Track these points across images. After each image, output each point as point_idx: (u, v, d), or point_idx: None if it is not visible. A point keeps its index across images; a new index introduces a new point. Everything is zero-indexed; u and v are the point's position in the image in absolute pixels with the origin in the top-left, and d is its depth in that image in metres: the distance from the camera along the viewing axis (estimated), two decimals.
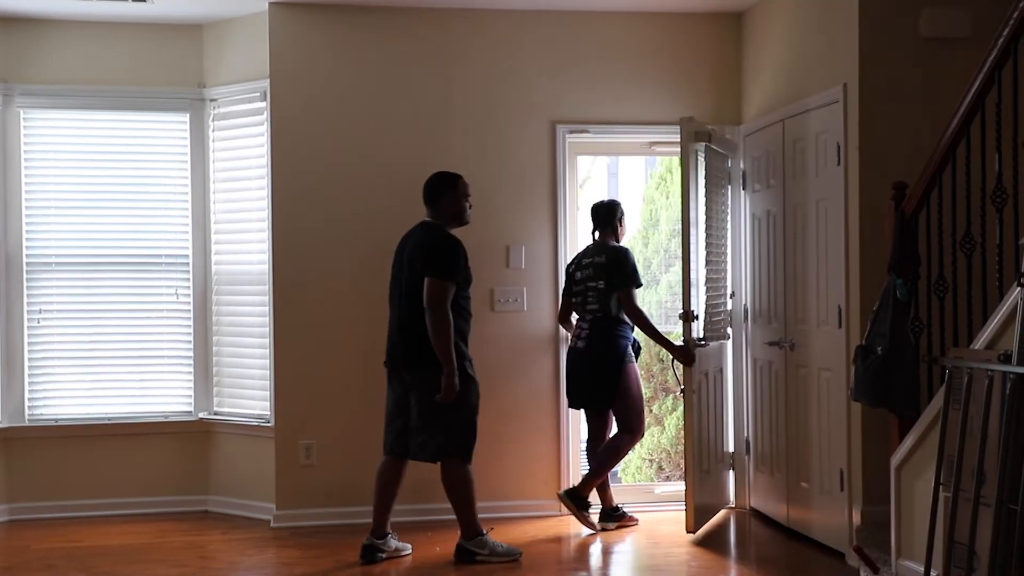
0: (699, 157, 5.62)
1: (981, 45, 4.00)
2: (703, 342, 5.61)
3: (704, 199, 5.64)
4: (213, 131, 6.26)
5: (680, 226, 5.58)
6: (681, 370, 5.54)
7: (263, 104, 6.00)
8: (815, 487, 5.28)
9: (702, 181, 5.66)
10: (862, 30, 4.80)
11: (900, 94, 4.80)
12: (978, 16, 4.73)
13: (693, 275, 5.51)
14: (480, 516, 5.85)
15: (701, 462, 5.58)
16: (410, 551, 5.27)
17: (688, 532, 5.47)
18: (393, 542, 5.23)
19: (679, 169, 7.14)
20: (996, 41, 3.73)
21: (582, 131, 6.18)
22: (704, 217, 5.65)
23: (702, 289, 5.65)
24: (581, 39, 6.09)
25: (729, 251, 6.14)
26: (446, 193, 5.15)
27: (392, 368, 5.15)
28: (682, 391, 5.59)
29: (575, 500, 5.63)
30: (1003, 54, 3.72)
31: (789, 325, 5.53)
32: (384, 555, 5.14)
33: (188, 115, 6.25)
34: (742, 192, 6.12)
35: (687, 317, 5.47)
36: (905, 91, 4.80)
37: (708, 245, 5.70)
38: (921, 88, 4.78)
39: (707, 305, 5.70)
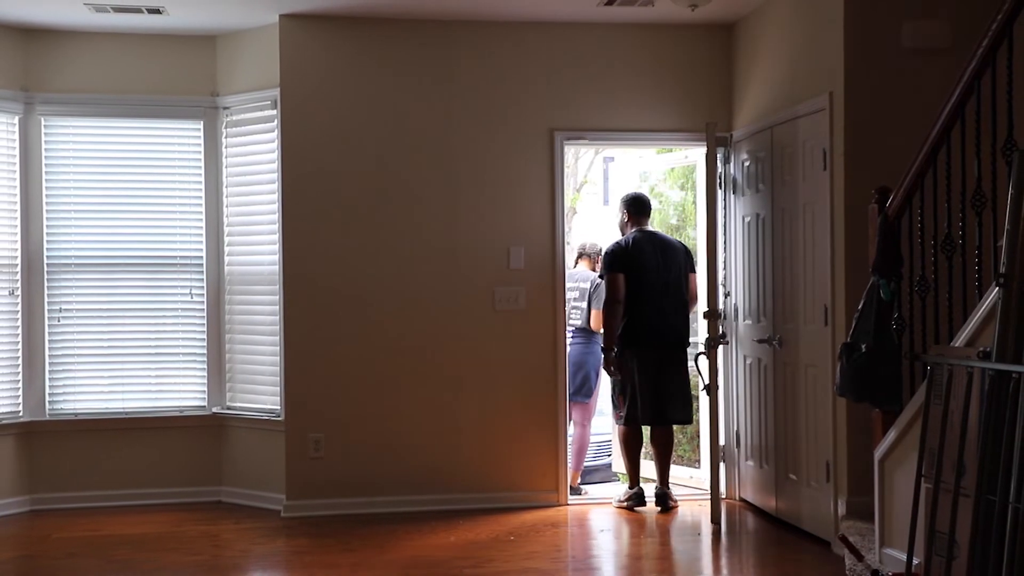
0: (717, 162, 5.66)
1: (961, 55, 4.00)
2: (724, 339, 5.65)
3: (723, 202, 5.68)
4: (226, 138, 6.26)
5: (672, 228, 5.62)
6: (707, 367, 5.56)
7: (274, 112, 6.00)
8: (802, 479, 5.28)
9: (730, 185, 5.70)
10: (847, 41, 4.80)
11: (883, 102, 4.80)
12: (958, 28, 4.74)
13: (717, 275, 5.55)
14: (483, 507, 5.91)
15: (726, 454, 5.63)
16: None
17: (713, 523, 5.49)
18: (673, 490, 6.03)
19: (670, 175, 7.19)
20: (975, 51, 3.73)
21: (579, 138, 6.20)
22: (723, 220, 5.70)
23: (721, 289, 5.69)
24: (579, 50, 6.08)
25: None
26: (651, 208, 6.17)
27: (660, 349, 5.82)
28: (707, 388, 5.61)
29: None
30: (982, 64, 3.72)
31: (777, 323, 5.54)
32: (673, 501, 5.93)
33: (202, 122, 6.25)
34: (732, 196, 6.12)
35: (714, 315, 5.50)
36: (888, 99, 4.80)
37: (724, 247, 5.76)
38: (904, 96, 4.78)
39: (724, 304, 5.74)
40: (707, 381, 5.59)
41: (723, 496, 6.11)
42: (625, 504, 5.93)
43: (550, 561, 4.96)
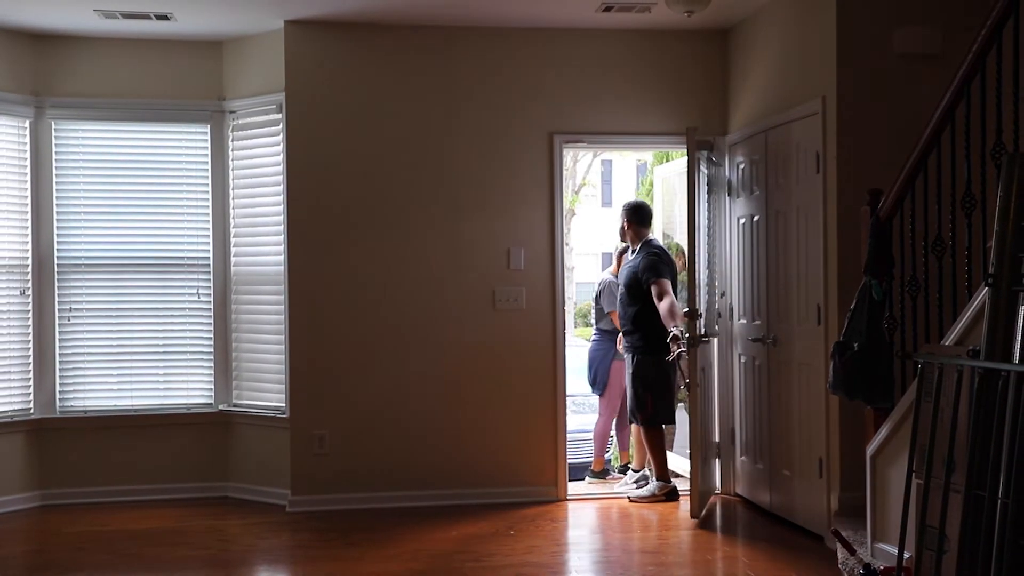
0: (701, 165, 5.64)
1: (951, 61, 4.01)
2: (705, 338, 5.64)
3: (707, 205, 5.66)
4: (232, 141, 6.27)
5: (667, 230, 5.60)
6: (686, 365, 5.56)
7: (279, 116, 6.01)
8: (796, 474, 5.28)
9: (704, 188, 5.68)
10: (840, 47, 4.81)
11: (875, 106, 4.81)
12: (948, 34, 4.75)
13: (698, 276, 5.53)
14: (484, 502, 5.90)
15: (703, 452, 5.60)
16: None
17: (692, 517, 5.48)
18: None
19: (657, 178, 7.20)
20: (965, 57, 3.74)
21: (578, 141, 6.20)
22: (706, 222, 5.67)
23: (703, 289, 5.67)
24: (577, 55, 6.09)
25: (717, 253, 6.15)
26: None
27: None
28: (687, 385, 5.61)
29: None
30: (971, 69, 3.73)
31: (772, 322, 5.54)
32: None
33: (208, 126, 6.26)
34: (727, 198, 6.13)
35: (693, 315, 5.50)
36: (880, 104, 4.81)
37: (709, 248, 5.73)
38: (895, 101, 4.78)
39: (707, 304, 5.72)
40: (688, 379, 5.59)
41: (718, 491, 6.13)
42: (662, 497, 5.94)
43: (550, 555, 4.97)
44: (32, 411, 6.09)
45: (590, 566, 4.97)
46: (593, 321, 7.06)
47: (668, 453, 6.22)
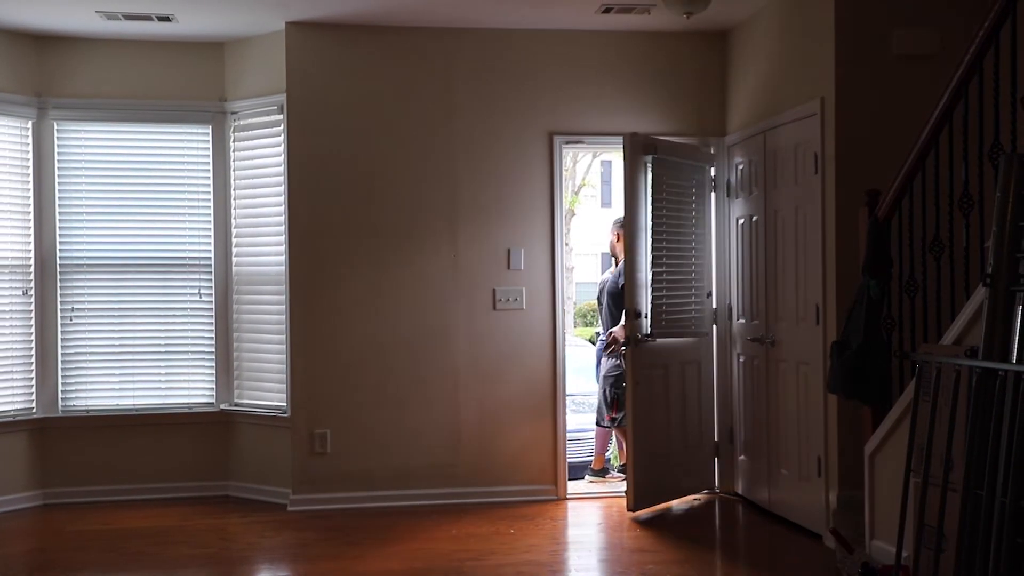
0: (648, 168, 5.61)
1: (948, 62, 4.01)
2: (649, 337, 5.58)
3: (652, 206, 5.59)
4: (233, 142, 6.27)
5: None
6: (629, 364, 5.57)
7: (280, 116, 6.01)
8: (794, 473, 5.28)
9: (649, 190, 5.60)
10: (838, 48, 4.81)
11: (873, 107, 4.81)
12: (946, 35, 4.75)
13: (641, 276, 5.51)
14: (484, 501, 5.88)
15: (654, 446, 5.57)
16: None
17: (628, 510, 5.48)
18: None
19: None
20: (963, 58, 3.74)
21: (578, 142, 6.20)
22: (651, 223, 5.60)
23: (647, 289, 5.61)
24: (577, 56, 6.09)
25: (714, 254, 6.14)
26: None
27: None
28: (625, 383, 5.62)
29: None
30: (969, 70, 3.73)
31: (771, 322, 5.54)
32: None
33: (210, 127, 6.26)
34: (726, 199, 6.12)
35: (631, 315, 5.48)
36: (878, 105, 4.81)
37: (657, 248, 5.64)
38: (893, 102, 4.79)
39: (653, 304, 5.63)
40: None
41: (717, 490, 6.13)
42: None
43: (549, 554, 4.96)
44: (34, 410, 6.09)
45: (590, 564, 4.97)
46: (599, 320, 7.08)
47: None
